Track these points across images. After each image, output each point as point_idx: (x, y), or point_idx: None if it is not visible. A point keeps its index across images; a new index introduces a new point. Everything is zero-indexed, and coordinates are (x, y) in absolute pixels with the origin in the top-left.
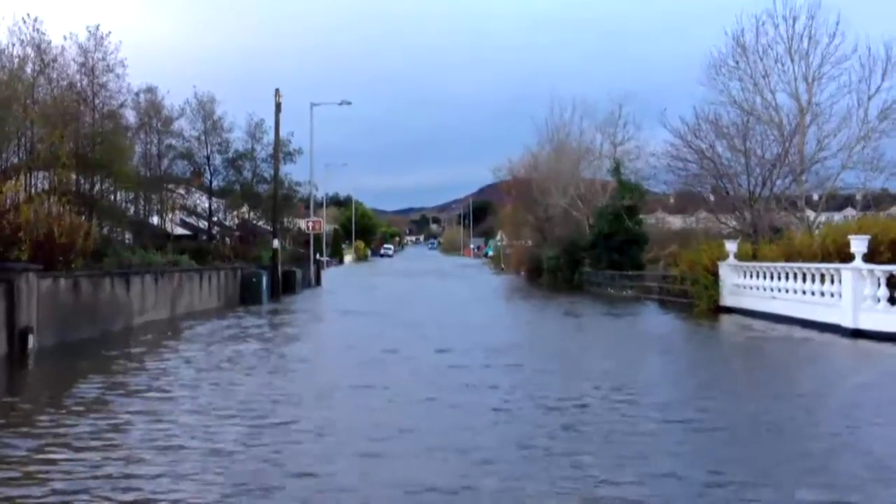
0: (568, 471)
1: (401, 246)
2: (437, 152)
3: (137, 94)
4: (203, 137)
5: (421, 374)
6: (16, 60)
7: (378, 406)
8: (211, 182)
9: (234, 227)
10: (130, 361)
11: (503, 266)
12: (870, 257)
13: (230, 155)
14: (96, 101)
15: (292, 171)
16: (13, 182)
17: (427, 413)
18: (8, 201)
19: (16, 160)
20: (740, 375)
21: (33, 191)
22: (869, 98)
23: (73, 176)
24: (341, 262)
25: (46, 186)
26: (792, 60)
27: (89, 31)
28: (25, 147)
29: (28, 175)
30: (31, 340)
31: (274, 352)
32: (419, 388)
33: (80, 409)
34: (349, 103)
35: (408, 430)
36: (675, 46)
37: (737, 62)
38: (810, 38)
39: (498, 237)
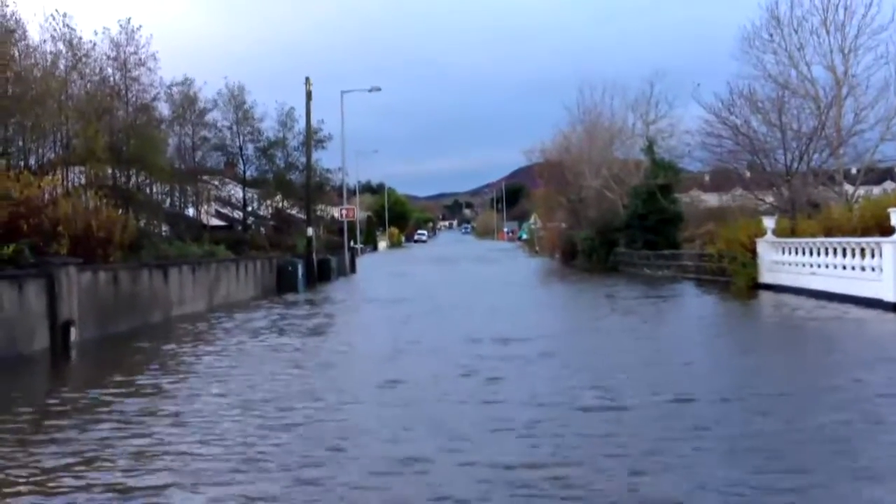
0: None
1: (434, 231)
2: (468, 136)
3: (170, 87)
4: (235, 127)
5: (464, 369)
6: (49, 57)
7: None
8: (244, 172)
9: (269, 217)
10: (175, 354)
11: (537, 249)
12: None
13: (262, 144)
14: (129, 95)
15: (323, 159)
16: (51, 177)
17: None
18: (46, 196)
19: (52, 156)
20: (798, 356)
21: (70, 185)
22: None
23: (109, 170)
24: (375, 248)
25: (83, 181)
26: (827, 32)
27: (120, 25)
28: (61, 142)
29: (65, 170)
30: (73, 333)
31: (312, 345)
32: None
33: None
34: (379, 89)
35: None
36: (707, 21)
37: (771, 35)
38: (846, 8)
39: (531, 220)
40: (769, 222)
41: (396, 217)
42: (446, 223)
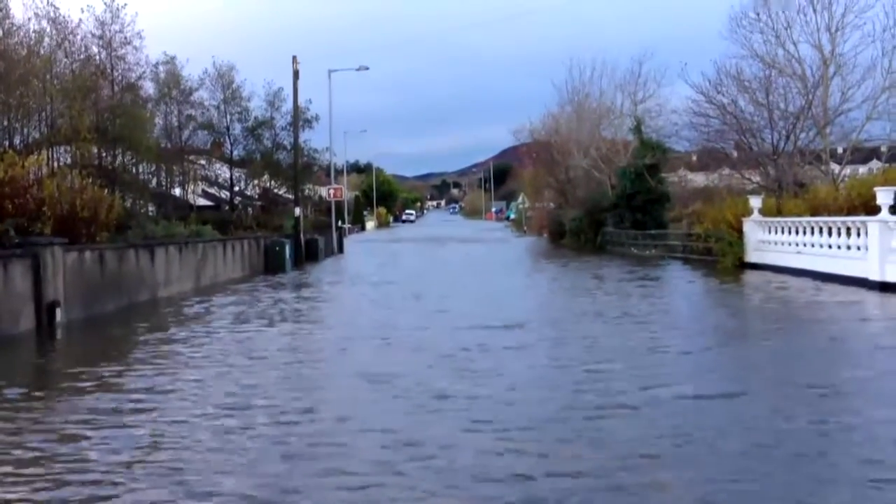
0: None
1: (422, 211)
2: (457, 116)
3: (156, 66)
4: (222, 107)
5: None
6: (33, 35)
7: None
8: (231, 152)
9: (256, 197)
10: (160, 340)
11: (525, 229)
12: None
13: (249, 124)
14: (115, 74)
15: (311, 139)
16: (35, 157)
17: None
18: (31, 176)
19: (37, 135)
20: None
21: (55, 165)
22: (894, 47)
23: (95, 149)
24: (363, 228)
25: (68, 161)
26: (814, 10)
27: (105, 3)
28: (46, 122)
29: (50, 150)
30: (59, 314)
31: (299, 331)
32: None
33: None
34: (367, 69)
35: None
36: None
37: (758, 14)
38: None
39: (519, 200)
40: (755, 202)
41: (384, 197)
42: (434, 203)
